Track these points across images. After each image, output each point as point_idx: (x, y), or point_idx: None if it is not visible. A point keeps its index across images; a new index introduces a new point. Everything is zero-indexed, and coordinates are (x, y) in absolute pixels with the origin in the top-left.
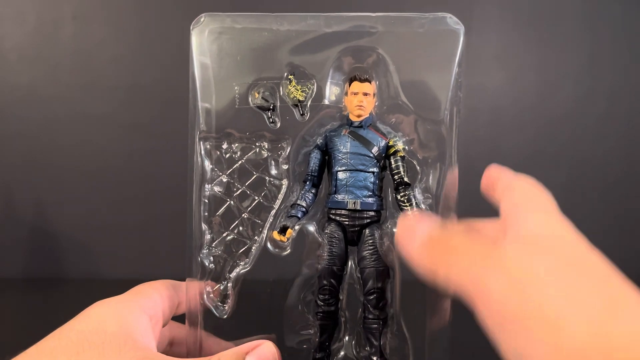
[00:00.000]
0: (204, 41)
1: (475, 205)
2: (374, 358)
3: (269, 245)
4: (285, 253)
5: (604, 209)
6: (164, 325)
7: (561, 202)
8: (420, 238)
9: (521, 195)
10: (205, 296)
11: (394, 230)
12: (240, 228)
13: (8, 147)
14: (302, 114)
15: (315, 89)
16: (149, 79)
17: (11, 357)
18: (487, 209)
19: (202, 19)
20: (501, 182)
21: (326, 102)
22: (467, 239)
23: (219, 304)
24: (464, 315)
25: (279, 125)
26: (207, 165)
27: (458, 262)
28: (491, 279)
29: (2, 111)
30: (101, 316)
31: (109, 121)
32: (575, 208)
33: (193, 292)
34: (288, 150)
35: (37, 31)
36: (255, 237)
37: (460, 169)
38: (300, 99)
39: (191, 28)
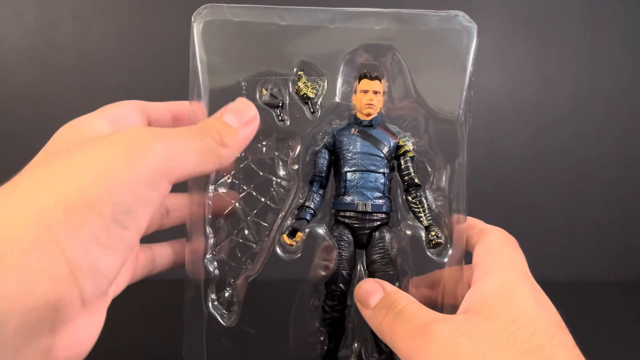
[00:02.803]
0: (206, 34)
1: (475, 205)
2: None
3: (278, 250)
4: (296, 257)
5: (604, 208)
6: None
7: (561, 201)
8: (374, 300)
9: (491, 248)
10: (210, 304)
11: (407, 232)
12: (246, 232)
13: (7, 147)
14: (313, 112)
15: (326, 86)
16: (149, 79)
17: None
18: (486, 208)
19: (204, 10)
20: (475, 229)
21: (337, 99)
22: (409, 310)
23: (224, 311)
24: None
25: (288, 123)
26: None
27: (397, 337)
28: (422, 355)
29: (1, 111)
30: (61, 133)
31: None
32: (575, 208)
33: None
34: (297, 150)
35: (36, 31)
36: (261, 241)
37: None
38: (311, 95)
39: (192, 20)
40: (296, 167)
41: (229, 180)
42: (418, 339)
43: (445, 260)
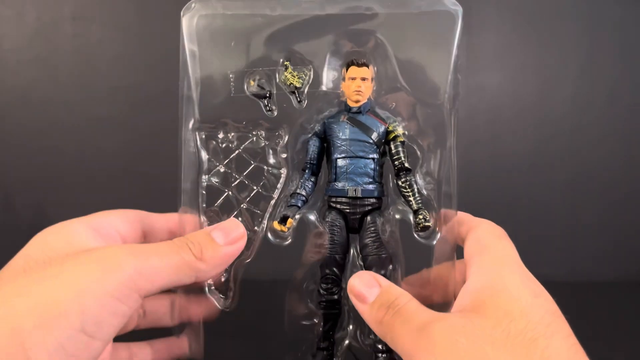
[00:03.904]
0: (195, 28)
1: (475, 204)
2: (379, 346)
3: (269, 235)
4: (287, 243)
5: (604, 208)
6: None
7: (561, 201)
8: (372, 295)
9: (480, 243)
10: (206, 289)
11: (397, 217)
12: (240, 219)
13: (7, 148)
14: (300, 101)
15: (312, 75)
16: (149, 79)
17: None
18: (486, 209)
19: (193, 5)
20: (464, 225)
21: (324, 88)
22: (409, 308)
23: (221, 296)
24: None
25: (276, 113)
26: (204, 155)
27: (398, 337)
28: (422, 355)
29: (1, 112)
30: (45, 237)
31: (109, 122)
32: (575, 207)
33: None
34: (286, 139)
35: (36, 32)
36: (255, 228)
37: (459, 169)
38: (297, 85)
39: (181, 14)
40: (285, 155)
41: (222, 170)
42: (419, 340)
43: (434, 243)
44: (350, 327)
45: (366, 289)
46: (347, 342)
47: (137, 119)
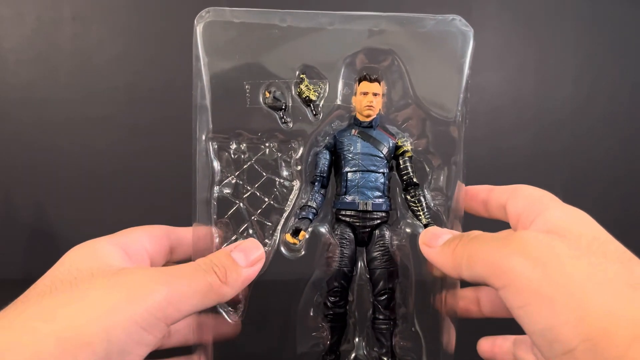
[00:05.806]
0: (209, 37)
1: None
2: (385, 358)
3: (282, 248)
4: (299, 255)
5: (604, 208)
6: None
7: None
8: (442, 240)
9: (531, 197)
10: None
11: (407, 230)
12: (250, 231)
13: (7, 148)
14: (315, 114)
15: (327, 89)
16: (149, 79)
17: None
18: None
19: (206, 14)
20: (497, 192)
21: (338, 102)
22: (486, 233)
23: (230, 309)
24: None
25: (291, 125)
26: (217, 166)
27: (479, 252)
28: (513, 261)
29: (1, 111)
30: (73, 257)
31: (109, 122)
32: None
33: (202, 234)
34: (300, 151)
35: (36, 32)
36: (266, 240)
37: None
38: (313, 98)
39: (195, 23)
40: (299, 167)
41: (233, 181)
42: (506, 246)
43: None
44: (357, 339)
45: (438, 235)
46: (353, 354)
47: (137, 119)
